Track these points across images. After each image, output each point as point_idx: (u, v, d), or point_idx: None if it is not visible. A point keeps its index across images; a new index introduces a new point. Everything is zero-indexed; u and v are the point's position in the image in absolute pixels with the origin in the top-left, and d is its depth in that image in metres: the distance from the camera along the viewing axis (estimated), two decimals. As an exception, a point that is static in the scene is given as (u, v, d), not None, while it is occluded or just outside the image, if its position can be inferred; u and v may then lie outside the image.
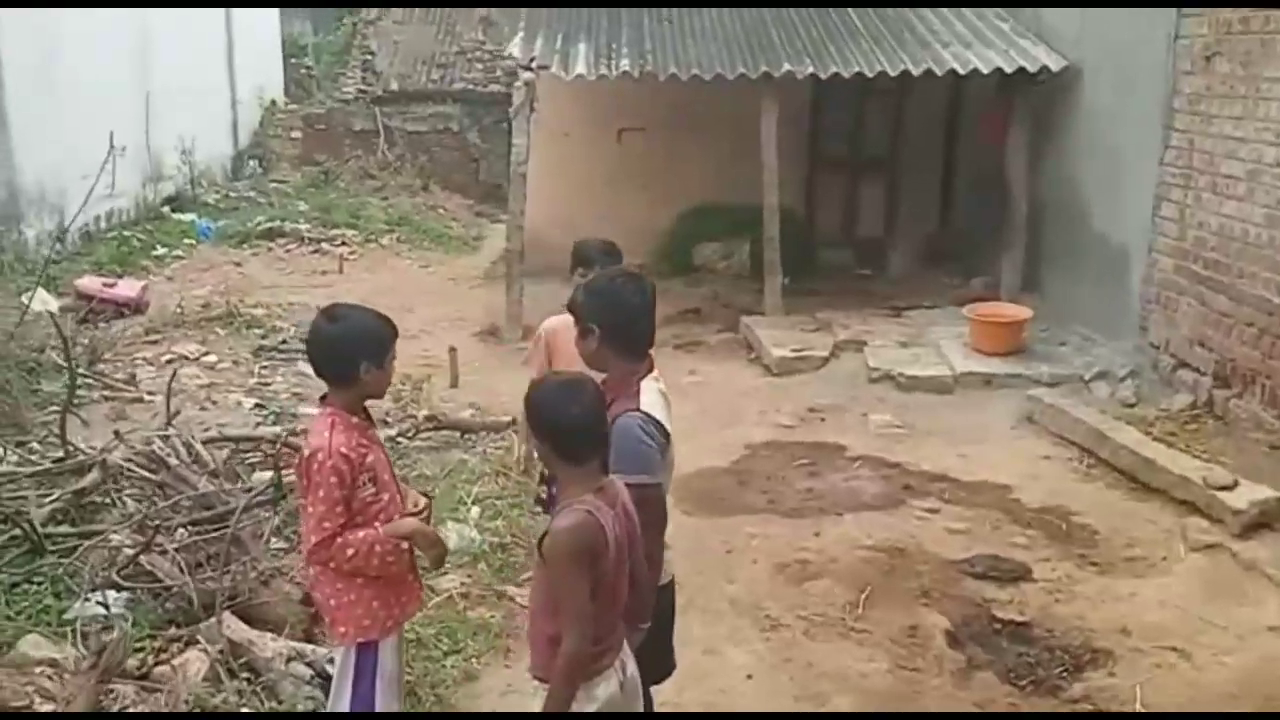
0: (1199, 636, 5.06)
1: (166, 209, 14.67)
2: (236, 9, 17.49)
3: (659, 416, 3.20)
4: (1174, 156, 8.10)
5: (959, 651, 4.99)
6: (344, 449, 3.27)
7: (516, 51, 10.09)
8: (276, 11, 19.60)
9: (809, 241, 12.19)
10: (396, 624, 3.51)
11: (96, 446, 5.96)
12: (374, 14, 19.95)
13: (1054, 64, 9.79)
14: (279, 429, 7.02)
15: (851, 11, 11.08)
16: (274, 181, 17.18)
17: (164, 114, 14.36)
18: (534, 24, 10.75)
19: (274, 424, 7.30)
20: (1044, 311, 9.52)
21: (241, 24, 17.67)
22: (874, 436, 7.72)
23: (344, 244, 14.03)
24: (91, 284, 10.37)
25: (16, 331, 7.78)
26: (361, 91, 18.66)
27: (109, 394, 7.79)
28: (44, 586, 4.70)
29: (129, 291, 10.40)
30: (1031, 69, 9.81)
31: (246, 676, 4.22)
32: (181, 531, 4.95)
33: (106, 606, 4.51)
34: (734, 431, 7.73)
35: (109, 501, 5.40)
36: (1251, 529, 5.89)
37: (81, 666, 3.95)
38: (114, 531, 5.00)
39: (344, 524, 3.28)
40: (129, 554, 4.72)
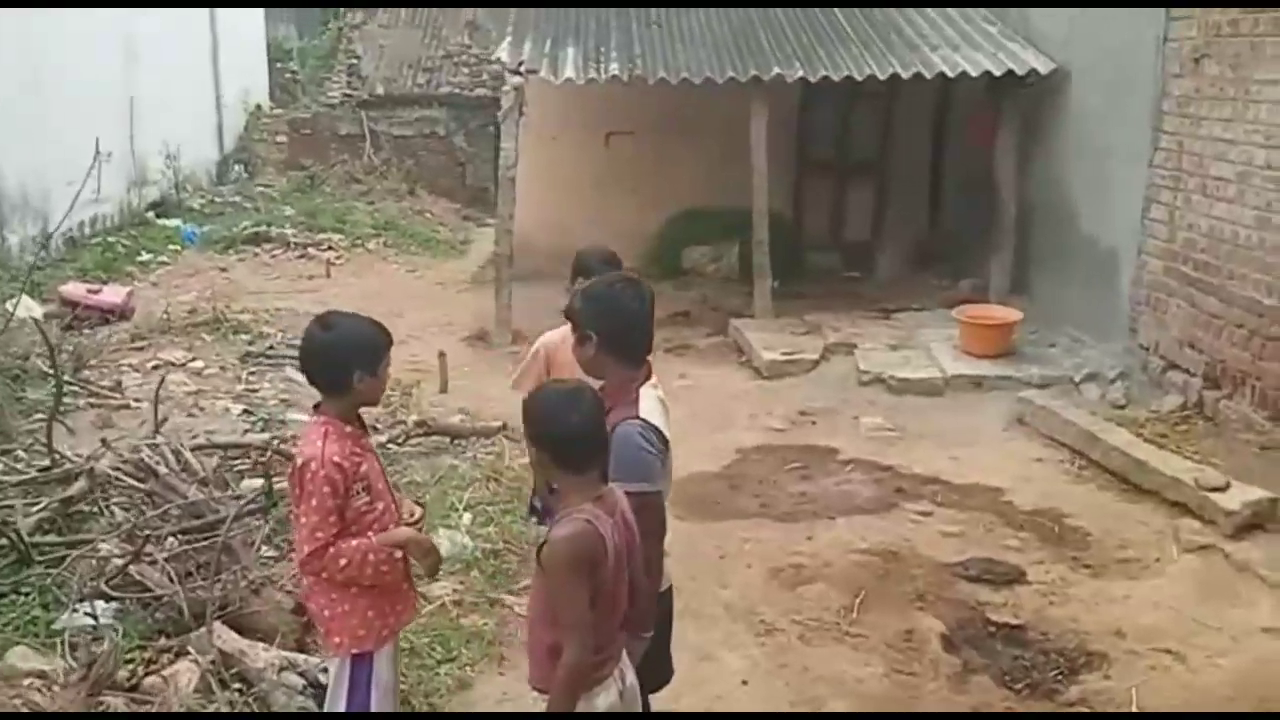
0: (1193, 638, 5.06)
1: (151, 214, 14.57)
2: (221, 9, 17.38)
3: (658, 423, 3.17)
4: (1163, 158, 8.11)
5: (954, 655, 4.98)
6: (337, 458, 3.23)
7: (505, 55, 10.05)
8: (261, 16, 19.51)
9: (797, 245, 12.18)
10: (392, 633, 3.48)
11: (83, 455, 5.90)
12: (359, 18, 19.87)
13: (1042, 66, 9.80)
14: (267, 436, 6.98)
15: (840, 14, 11.09)
16: (259, 186, 17.08)
17: (149, 118, 14.26)
18: (522, 28, 10.71)
19: (262, 431, 7.24)
20: (1033, 313, 9.52)
21: (226, 28, 17.57)
22: (865, 439, 7.70)
23: (330, 249, 13.95)
24: (76, 290, 10.29)
25: (0, 339, 7.70)
26: (347, 96, 18.58)
27: (95, 401, 7.71)
28: (31, 597, 4.65)
29: (114, 298, 10.31)
30: (1020, 72, 9.82)
31: (238, 687, 4.18)
32: (171, 540, 4.91)
33: (95, 617, 4.47)
34: (725, 435, 7.71)
35: (97, 510, 5.36)
36: (1244, 530, 5.90)
37: (71, 679, 3.90)
38: (102, 541, 4.95)
39: (337, 534, 3.25)
40: (118, 564, 4.67)
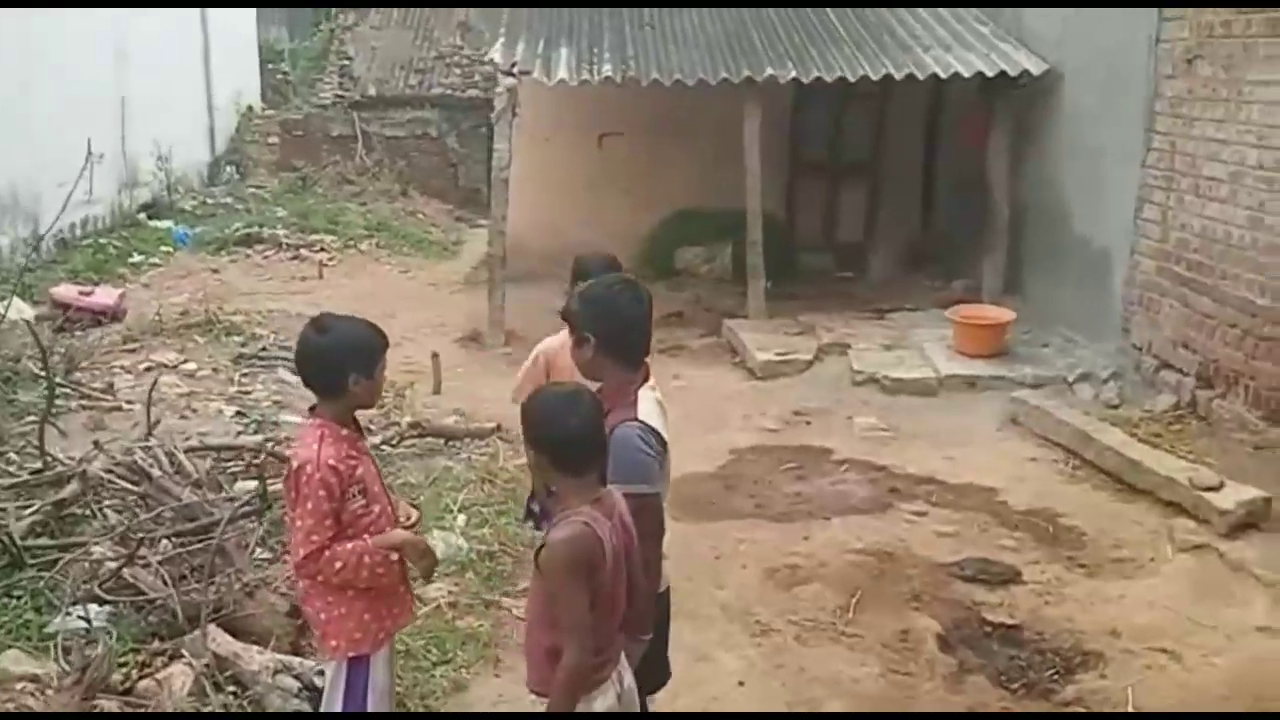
0: (1188, 637, 5.06)
1: (143, 216, 14.53)
2: (213, 10, 17.35)
3: (656, 425, 3.16)
4: (1156, 159, 8.12)
5: (950, 655, 4.98)
6: (332, 461, 3.22)
7: (498, 56, 10.03)
8: (253, 17, 19.48)
9: (790, 245, 12.18)
10: (388, 636, 3.46)
11: (75, 457, 5.88)
12: (351, 19, 19.85)
13: (1035, 67, 9.82)
14: (260, 437, 6.96)
15: (832, 15, 11.10)
16: (251, 187, 17.05)
17: (140, 120, 14.23)
18: (515, 29, 10.70)
19: (255, 432, 7.21)
20: (1026, 313, 9.54)
21: (218, 29, 17.54)
22: (860, 439, 7.71)
23: (323, 250, 13.91)
24: (68, 292, 10.25)
25: (-8, 341, 7.69)
26: (339, 97, 18.54)
27: (87, 403, 7.66)
28: (24, 600, 4.62)
29: (106, 299, 10.27)
30: (1012, 72, 9.83)
31: (233, 690, 4.15)
32: (165, 543, 4.88)
33: (88, 620, 4.44)
34: (719, 436, 7.70)
35: (89, 513, 5.32)
36: (1238, 529, 5.91)
37: (65, 682, 3.87)
38: (95, 544, 4.92)
39: (332, 537, 3.23)
40: (112, 567, 4.65)
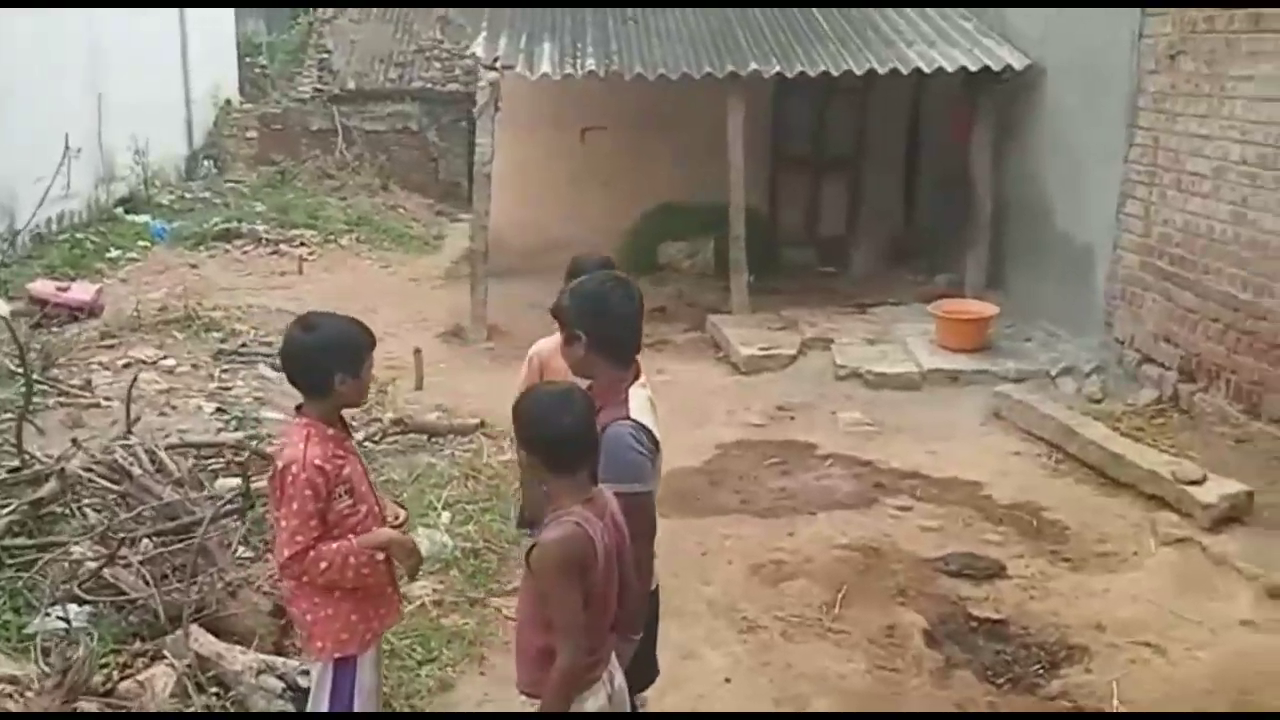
0: (1172, 631, 5.08)
1: (120, 210, 14.38)
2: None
3: (648, 424, 3.14)
4: (1139, 154, 8.15)
5: (937, 650, 4.98)
6: (319, 461, 3.18)
7: (480, 51, 9.97)
8: (231, 10, 19.30)
9: (772, 240, 12.17)
10: (375, 637, 3.42)
11: (54, 455, 5.80)
12: (330, 12, 19.72)
13: (1018, 63, 9.83)
14: (241, 434, 6.90)
15: (817, 12, 11.07)
16: (229, 182, 16.91)
17: (117, 113, 14.07)
18: (497, 23, 10.63)
19: (236, 429, 7.15)
20: (1008, 308, 9.56)
21: (195, 22, 17.38)
22: (844, 434, 7.71)
23: (303, 245, 13.81)
24: (45, 288, 10.13)
25: (-32, 337, 7.59)
26: (318, 90, 18.43)
27: (65, 400, 7.58)
28: (2, 601, 4.56)
29: (83, 295, 10.16)
30: (996, 67, 9.85)
31: (215, 691, 4.12)
32: (146, 542, 4.82)
33: (68, 621, 4.39)
34: (704, 431, 7.68)
35: (68, 512, 5.26)
36: (1221, 523, 5.94)
37: (46, 684, 3.82)
38: (75, 543, 4.86)
39: (318, 537, 3.19)
40: (92, 567, 4.59)
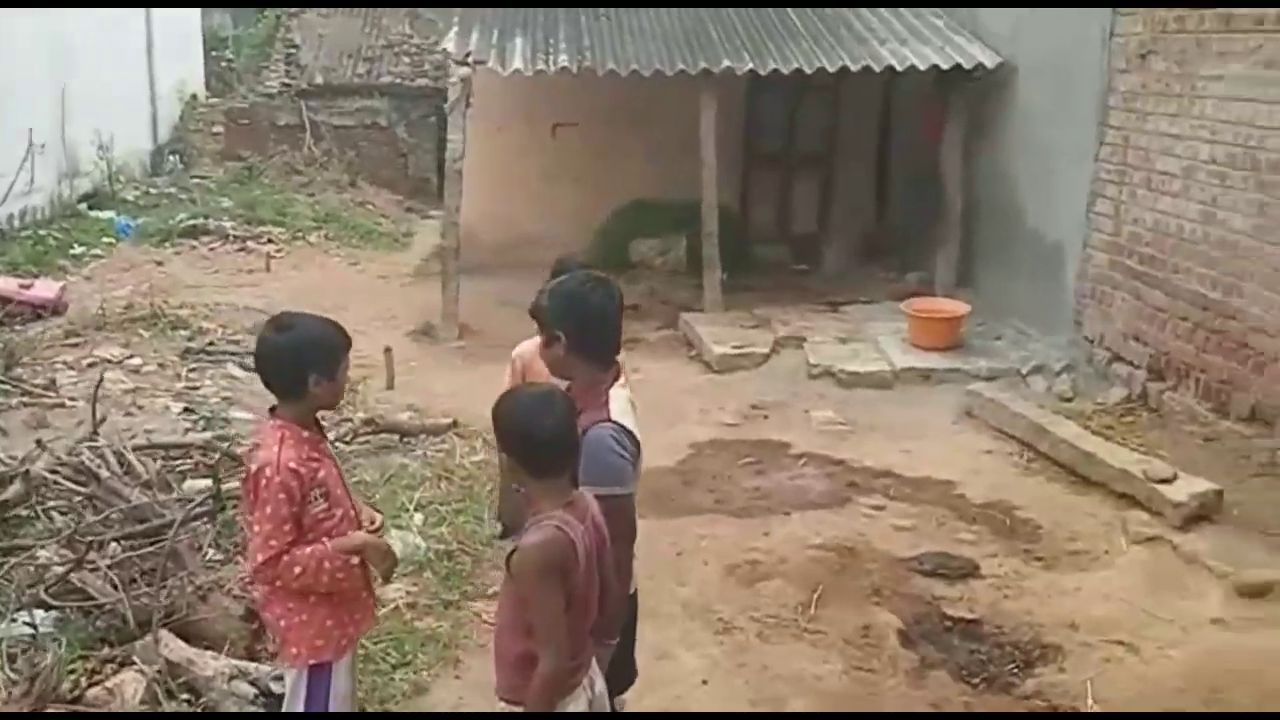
0: (1144, 630, 5.11)
1: (84, 206, 14.16)
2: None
3: (629, 425, 3.11)
4: (1109, 153, 8.20)
5: (912, 651, 4.98)
6: (293, 464, 3.14)
7: (452, 46, 9.90)
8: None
9: (744, 237, 12.16)
10: (351, 643, 3.38)
11: (18, 456, 5.71)
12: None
13: (989, 61, 9.86)
14: (210, 435, 6.81)
15: (790, 11, 11.05)
16: (195, 178, 16.69)
17: (80, 107, 13.86)
18: (468, 18, 10.56)
19: (204, 430, 7.06)
20: (978, 306, 9.58)
21: (161, 16, 17.14)
22: (817, 433, 7.71)
23: (271, 241, 13.64)
24: (7, 285, 9.95)
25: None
26: (285, 85, 18.19)
27: (28, 400, 7.46)
28: (-33, 606, 4.49)
29: (46, 293, 10.00)
30: (967, 65, 9.87)
31: (186, 698, 4.06)
32: (114, 546, 4.74)
33: (35, 626, 4.31)
34: (678, 430, 7.65)
35: (33, 515, 5.17)
36: (1191, 521, 5.98)
37: (15, 692, 3.75)
38: (41, 547, 4.78)
39: (292, 541, 3.15)
40: (59, 571, 4.51)
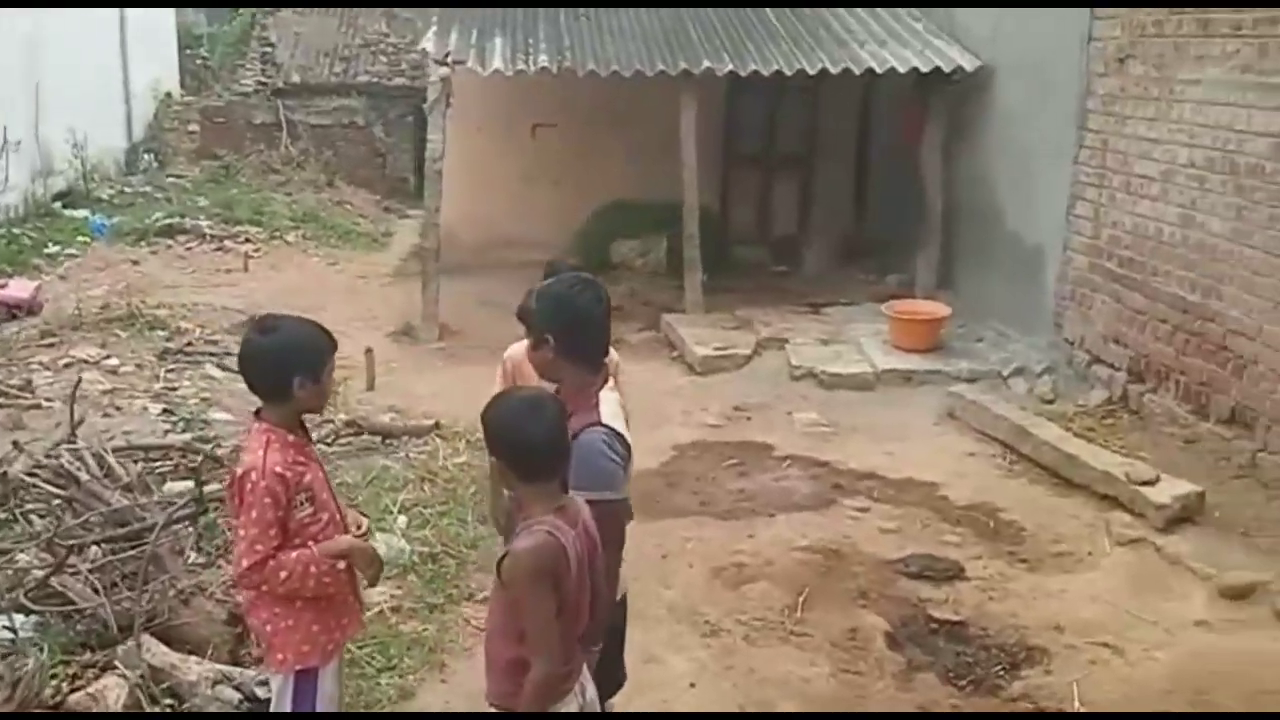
0: (1129, 632, 5.13)
1: (58, 205, 14.02)
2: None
3: (620, 429, 3.08)
4: (1088, 156, 8.24)
5: (899, 653, 4.98)
6: (279, 468, 3.10)
7: (431, 46, 9.85)
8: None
9: (724, 239, 12.16)
10: (337, 648, 3.34)
11: (-6, 459, 5.64)
12: (272, 3, 19.38)
13: (968, 64, 9.89)
14: (189, 436, 6.75)
15: (769, 12, 11.06)
16: (171, 176, 16.53)
17: (54, 106, 13.71)
18: (447, 18, 10.51)
19: (183, 431, 7.00)
20: (959, 308, 9.62)
21: (135, 13, 16.98)
22: (800, 435, 7.70)
23: (248, 241, 13.53)
24: (-19, 285, 9.86)
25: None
26: (261, 84, 18.08)
27: (3, 401, 7.37)
28: (-57, 612, 4.41)
29: (21, 292, 9.88)
30: (946, 68, 9.90)
31: (169, 703, 4.01)
32: (95, 549, 4.68)
33: (14, 631, 4.24)
34: (661, 432, 7.61)
35: (11, 518, 5.10)
36: (1174, 523, 6.00)
37: (-6, 699, 3.69)
38: (20, 550, 4.71)
39: (278, 546, 3.11)
40: (38, 575, 4.44)
